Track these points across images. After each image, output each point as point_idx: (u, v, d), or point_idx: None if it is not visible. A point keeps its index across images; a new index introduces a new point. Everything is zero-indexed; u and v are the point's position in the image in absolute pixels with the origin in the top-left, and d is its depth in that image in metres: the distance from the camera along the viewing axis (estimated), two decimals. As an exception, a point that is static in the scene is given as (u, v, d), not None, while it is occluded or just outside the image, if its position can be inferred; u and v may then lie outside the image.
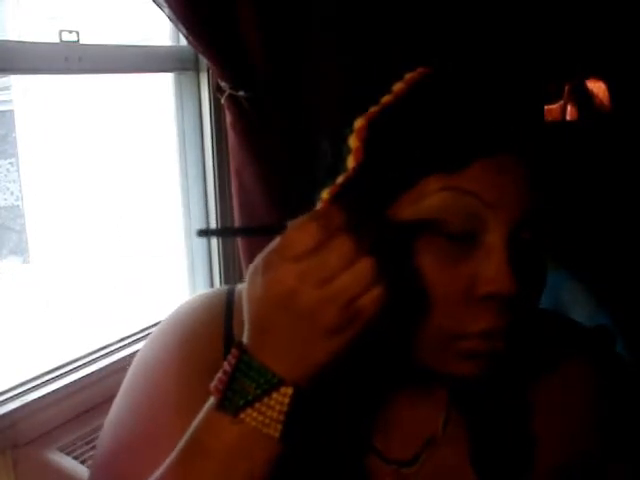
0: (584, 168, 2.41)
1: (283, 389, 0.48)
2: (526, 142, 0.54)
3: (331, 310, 0.47)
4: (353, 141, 0.54)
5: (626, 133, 2.84)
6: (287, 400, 0.48)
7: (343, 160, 0.55)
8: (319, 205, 0.56)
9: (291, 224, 0.48)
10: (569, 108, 2.87)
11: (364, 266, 0.47)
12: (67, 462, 1.27)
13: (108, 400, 1.45)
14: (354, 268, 0.46)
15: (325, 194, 0.56)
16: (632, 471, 0.68)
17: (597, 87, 2.86)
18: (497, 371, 0.59)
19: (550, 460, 0.65)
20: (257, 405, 0.49)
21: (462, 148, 0.52)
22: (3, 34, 1.61)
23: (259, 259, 0.49)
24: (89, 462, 1.27)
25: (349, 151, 0.54)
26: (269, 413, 0.49)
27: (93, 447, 1.31)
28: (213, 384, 0.51)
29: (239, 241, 1.76)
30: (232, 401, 0.49)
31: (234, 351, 0.50)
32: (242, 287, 0.68)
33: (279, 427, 0.49)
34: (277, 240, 0.48)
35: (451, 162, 0.52)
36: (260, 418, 0.49)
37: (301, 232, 0.47)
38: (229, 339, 0.63)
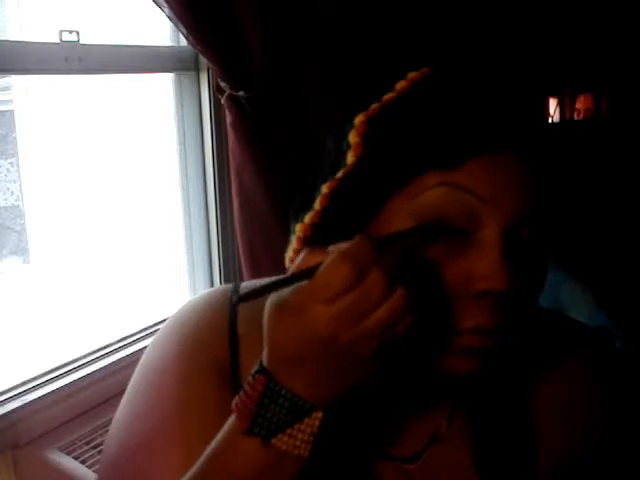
0: (584, 168, 2.41)
1: (314, 414, 0.49)
2: (524, 140, 0.54)
3: (370, 344, 0.48)
4: (353, 137, 0.55)
5: (625, 134, 2.84)
6: (317, 423, 0.49)
7: (344, 156, 0.55)
8: (319, 200, 0.57)
9: (322, 266, 0.48)
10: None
11: (399, 298, 0.47)
12: (67, 462, 1.27)
13: (108, 400, 1.46)
14: (390, 302, 0.47)
15: (325, 188, 0.56)
16: (632, 471, 0.68)
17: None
18: (498, 370, 0.59)
19: (551, 459, 0.65)
20: (288, 430, 0.49)
21: (457, 144, 0.52)
22: (3, 34, 1.61)
23: (285, 298, 0.49)
24: (89, 462, 1.28)
25: (349, 147, 0.55)
26: (300, 436, 0.49)
27: (93, 447, 1.31)
28: (235, 404, 0.51)
29: (239, 241, 1.76)
30: (262, 427, 0.50)
31: (259, 377, 0.50)
32: (247, 285, 0.68)
33: (309, 447, 0.50)
34: (306, 283, 0.48)
35: (446, 158, 0.52)
36: (291, 442, 0.49)
37: (333, 273, 0.47)
38: (234, 337, 0.63)
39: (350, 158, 0.55)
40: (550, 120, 3.04)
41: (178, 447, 0.59)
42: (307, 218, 0.58)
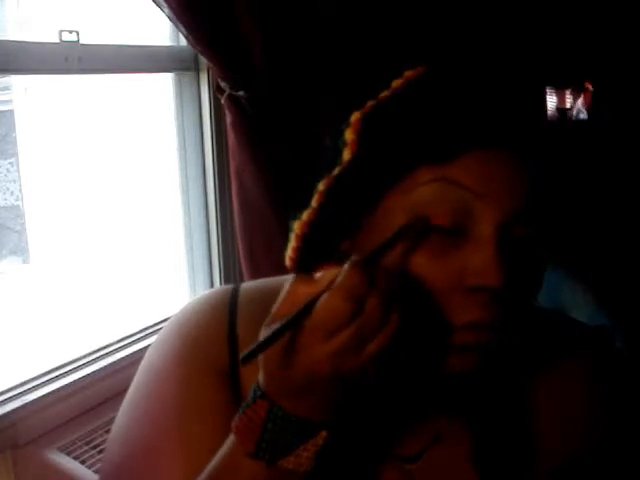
0: (583, 167, 2.41)
1: (319, 434, 0.50)
2: (517, 137, 0.54)
3: (370, 367, 0.49)
4: (349, 134, 0.55)
5: (625, 133, 2.84)
6: (321, 441, 0.50)
7: (340, 153, 0.55)
8: (315, 198, 0.57)
9: (319, 303, 0.48)
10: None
11: (394, 323, 0.48)
12: (67, 462, 1.27)
13: (108, 400, 1.46)
14: (387, 329, 0.48)
15: (321, 186, 0.57)
16: (632, 470, 0.68)
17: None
18: (497, 369, 0.59)
19: (551, 459, 0.65)
20: (294, 451, 0.50)
21: (450, 138, 0.52)
22: (3, 34, 1.61)
23: (285, 339, 0.49)
24: (89, 462, 1.28)
25: (345, 144, 0.55)
26: (304, 454, 0.50)
27: (93, 447, 1.31)
28: (237, 426, 0.52)
29: (239, 241, 1.76)
30: (266, 451, 0.50)
31: (261, 402, 0.51)
32: (246, 286, 0.68)
33: (312, 462, 0.51)
34: (306, 321, 0.48)
35: (439, 152, 0.52)
36: (296, 461, 0.50)
37: (331, 311, 0.48)
38: (233, 338, 0.63)
39: (346, 155, 0.55)
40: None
41: (178, 449, 0.59)
42: (304, 215, 0.58)
